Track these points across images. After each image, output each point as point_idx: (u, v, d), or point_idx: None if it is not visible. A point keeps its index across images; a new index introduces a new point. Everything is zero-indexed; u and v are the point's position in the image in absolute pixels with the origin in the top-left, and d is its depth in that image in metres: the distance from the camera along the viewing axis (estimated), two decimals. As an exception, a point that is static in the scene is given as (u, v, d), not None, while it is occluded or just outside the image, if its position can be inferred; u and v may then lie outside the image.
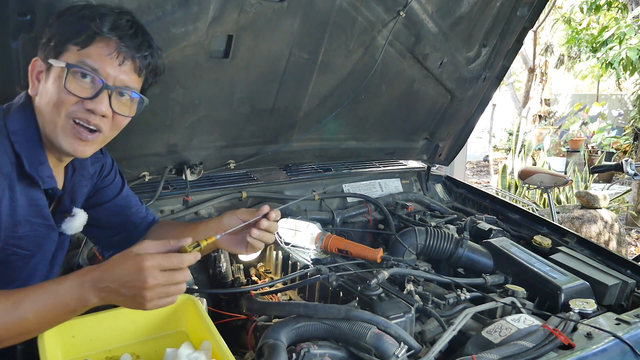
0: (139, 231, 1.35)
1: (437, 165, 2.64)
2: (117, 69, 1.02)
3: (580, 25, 8.02)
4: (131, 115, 1.09)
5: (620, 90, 10.93)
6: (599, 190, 5.11)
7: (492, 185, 6.63)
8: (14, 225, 1.03)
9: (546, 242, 1.91)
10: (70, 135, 1.02)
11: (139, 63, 1.05)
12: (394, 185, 2.38)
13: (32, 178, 1.04)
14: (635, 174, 2.94)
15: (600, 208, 4.23)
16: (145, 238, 1.34)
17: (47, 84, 1.01)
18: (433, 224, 2.05)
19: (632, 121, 7.92)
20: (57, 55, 0.99)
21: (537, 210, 4.24)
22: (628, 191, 6.09)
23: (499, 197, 2.36)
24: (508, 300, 1.47)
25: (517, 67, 11.77)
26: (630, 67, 5.84)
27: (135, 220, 1.35)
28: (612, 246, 4.17)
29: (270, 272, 1.85)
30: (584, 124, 9.64)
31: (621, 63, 5.67)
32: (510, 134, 9.76)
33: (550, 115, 10.98)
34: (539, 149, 7.24)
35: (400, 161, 2.61)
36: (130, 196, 1.36)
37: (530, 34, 6.00)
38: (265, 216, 1.15)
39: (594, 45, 6.36)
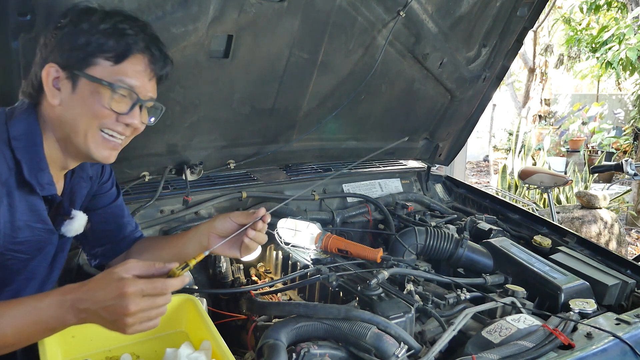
0: (125, 243, 1.34)
1: (437, 165, 2.64)
2: (147, 84, 1.06)
3: (580, 25, 8.03)
4: (152, 124, 1.15)
5: (620, 90, 10.93)
6: (599, 190, 5.12)
7: (492, 185, 6.63)
8: (13, 231, 1.02)
9: (546, 242, 1.91)
10: (101, 145, 1.05)
11: (162, 75, 1.10)
12: (394, 185, 2.39)
13: (30, 185, 1.03)
14: (635, 174, 2.94)
15: (600, 208, 4.23)
16: (130, 251, 1.34)
17: (75, 95, 1.01)
18: (433, 224, 2.05)
19: (632, 121, 7.92)
20: (84, 67, 1.00)
21: (537, 210, 4.24)
22: (628, 191, 6.09)
23: (499, 197, 2.36)
24: (508, 300, 1.47)
25: (517, 67, 11.78)
26: (630, 67, 5.84)
27: (124, 231, 1.34)
28: (612, 246, 4.17)
29: (270, 272, 1.85)
30: (583, 123, 9.65)
31: (620, 63, 5.67)
32: (510, 134, 9.76)
33: (550, 116, 10.98)
34: (539, 149, 7.24)
35: (400, 161, 2.61)
36: (123, 207, 1.36)
37: (530, 34, 6.00)
38: (261, 218, 1.17)
39: (594, 45, 6.36)
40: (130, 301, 0.85)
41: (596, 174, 6.75)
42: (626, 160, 2.93)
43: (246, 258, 1.77)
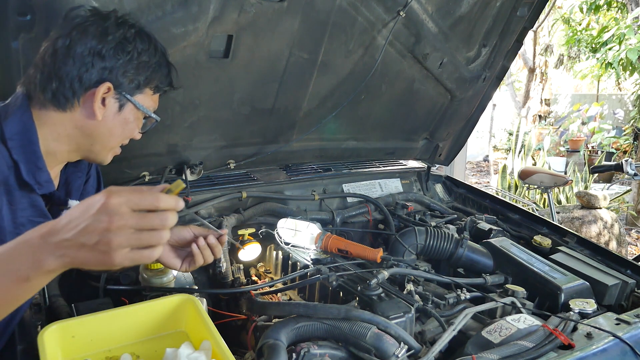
0: None
1: (437, 165, 2.64)
2: None
3: (580, 25, 8.03)
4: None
5: (620, 90, 10.94)
6: (599, 190, 5.12)
7: (492, 185, 6.63)
8: (16, 227, 1.03)
9: (546, 242, 1.90)
10: (113, 154, 1.17)
11: None
12: (394, 185, 2.38)
13: (29, 185, 1.03)
14: (635, 174, 2.94)
15: (600, 208, 4.23)
16: None
17: (119, 116, 1.09)
18: (433, 224, 2.05)
19: (632, 121, 7.92)
20: (134, 94, 1.09)
21: (537, 210, 4.24)
22: (628, 191, 6.09)
23: (499, 197, 2.36)
24: (508, 300, 1.47)
25: (516, 67, 11.78)
26: (630, 67, 5.85)
27: None
28: (612, 246, 4.17)
29: (270, 272, 1.85)
30: (583, 123, 9.66)
31: (620, 63, 5.68)
32: (510, 134, 9.77)
33: (550, 115, 10.99)
34: (539, 149, 7.24)
35: (400, 161, 2.61)
36: None
37: (530, 34, 6.00)
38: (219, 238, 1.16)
39: (594, 45, 6.37)
40: (114, 212, 0.70)
41: (596, 174, 6.75)
42: (626, 160, 2.93)
43: (246, 258, 1.78)
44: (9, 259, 0.73)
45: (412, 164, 2.60)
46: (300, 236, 1.71)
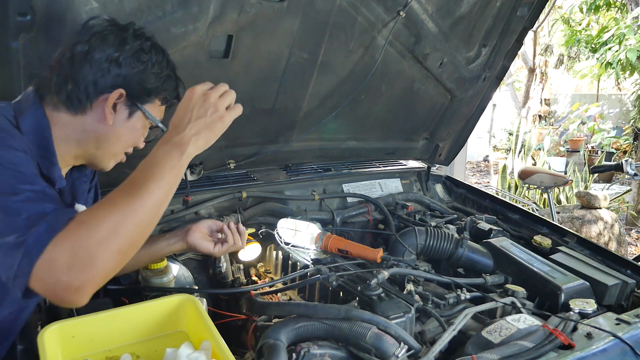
0: None
1: (437, 165, 2.64)
2: None
3: (579, 25, 8.03)
4: None
5: (620, 90, 10.94)
6: (599, 190, 5.12)
7: (492, 185, 6.63)
8: None
9: (546, 242, 1.91)
10: (115, 161, 1.19)
11: None
12: (394, 185, 2.39)
13: (49, 179, 1.04)
14: (635, 174, 2.94)
15: (600, 208, 4.23)
16: None
17: (128, 123, 1.11)
18: (433, 224, 2.05)
19: (631, 121, 7.93)
20: (144, 102, 1.12)
21: (537, 210, 4.24)
22: (628, 191, 6.09)
23: (499, 197, 2.36)
24: (508, 300, 1.47)
25: (516, 67, 11.78)
26: (630, 68, 5.85)
27: None
28: (612, 246, 4.17)
29: (270, 272, 1.85)
30: (582, 123, 9.66)
31: (620, 63, 5.68)
32: (510, 134, 9.77)
33: (550, 115, 10.99)
34: (539, 149, 7.24)
35: (400, 161, 2.61)
36: None
37: (530, 34, 6.01)
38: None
39: (594, 45, 6.37)
40: (203, 91, 1.01)
41: (596, 174, 6.75)
42: (626, 160, 2.93)
43: (246, 258, 1.78)
44: (163, 159, 0.95)
45: (412, 164, 2.60)
46: (300, 236, 1.71)
